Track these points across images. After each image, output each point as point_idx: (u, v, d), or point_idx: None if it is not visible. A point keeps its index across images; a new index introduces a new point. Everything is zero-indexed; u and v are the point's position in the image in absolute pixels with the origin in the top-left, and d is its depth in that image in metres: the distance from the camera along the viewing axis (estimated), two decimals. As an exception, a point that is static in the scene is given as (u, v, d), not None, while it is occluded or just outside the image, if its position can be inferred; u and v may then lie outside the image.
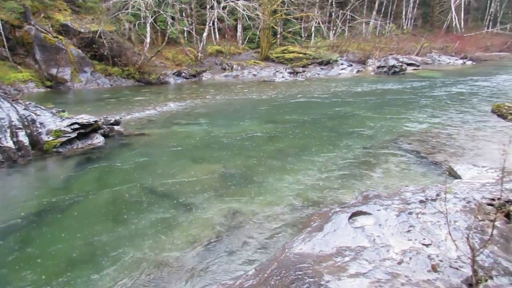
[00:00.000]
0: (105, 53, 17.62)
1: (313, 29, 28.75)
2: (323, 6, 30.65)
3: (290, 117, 11.78)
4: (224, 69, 21.99)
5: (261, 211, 5.55)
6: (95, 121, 8.66)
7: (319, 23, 28.69)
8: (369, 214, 4.09)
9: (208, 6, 23.29)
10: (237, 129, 10.37)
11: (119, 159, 7.94)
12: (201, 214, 5.48)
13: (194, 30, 23.15)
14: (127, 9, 19.02)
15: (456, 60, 29.89)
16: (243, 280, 3.52)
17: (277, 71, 21.99)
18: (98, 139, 8.70)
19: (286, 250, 3.67)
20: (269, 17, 23.67)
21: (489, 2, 45.27)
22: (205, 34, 22.36)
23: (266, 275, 3.32)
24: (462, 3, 41.48)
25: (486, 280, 3.26)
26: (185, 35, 23.60)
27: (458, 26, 41.89)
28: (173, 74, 19.95)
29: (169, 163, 7.75)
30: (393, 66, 23.21)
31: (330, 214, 4.27)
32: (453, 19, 41.54)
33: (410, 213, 4.08)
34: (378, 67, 23.88)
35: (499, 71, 23.70)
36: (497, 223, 4.42)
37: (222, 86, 18.23)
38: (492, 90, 17.24)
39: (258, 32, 25.03)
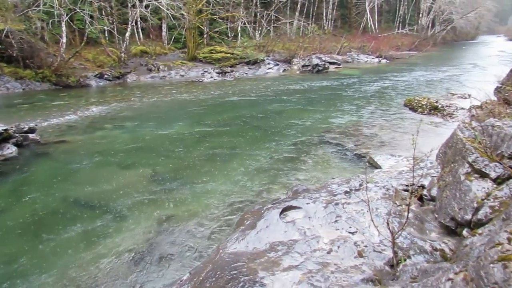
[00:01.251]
0: (15, 55, 16.03)
1: (239, 29, 29.00)
2: (248, 7, 31.06)
3: (220, 117, 11.76)
4: (150, 70, 21.28)
5: (194, 214, 5.47)
6: (5, 130, 7.86)
7: (245, 23, 29.03)
8: (299, 208, 4.24)
9: (129, 5, 22.35)
10: (166, 132, 10.11)
11: (36, 169, 7.32)
12: (131, 222, 5.26)
13: (115, 29, 22.03)
14: (38, 6, 17.47)
15: (373, 58, 32.17)
16: (177, 286, 3.44)
17: (205, 71, 21.83)
18: (9, 150, 7.90)
19: (221, 250, 3.66)
20: (195, 16, 23.40)
21: (398, 5, 49.45)
22: (127, 34, 21.43)
23: (201, 278, 3.27)
24: (376, 6, 44.79)
25: (405, 260, 3.55)
26: (106, 35, 22.37)
27: (373, 27, 45.17)
28: (95, 76, 18.80)
29: (93, 171, 7.30)
30: (317, 65, 24.30)
31: (262, 211, 4.35)
32: (368, 21, 44.71)
33: (336, 204, 4.30)
34: (303, 66, 24.84)
35: (409, 68, 26.02)
36: (412, 207, 4.83)
37: (148, 88, 17.62)
38: (404, 85, 18.86)
39: (184, 32, 24.60)
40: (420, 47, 41.02)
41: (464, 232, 3.82)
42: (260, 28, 31.14)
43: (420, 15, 50.50)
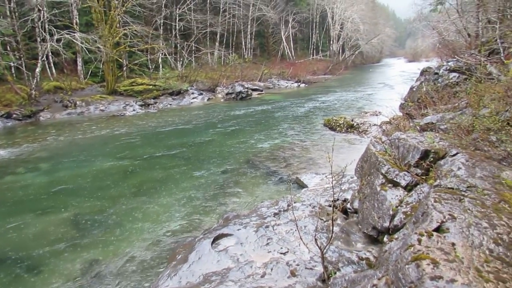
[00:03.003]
0: None
1: (160, 60, 28.77)
2: (167, 38, 31.09)
3: (146, 151, 11.39)
4: (66, 106, 20.02)
5: (122, 255, 5.16)
6: None
7: (165, 55, 28.90)
8: (230, 235, 4.22)
9: (38, 39, 21.04)
10: (88, 170, 9.51)
11: None
12: (51, 272, 4.80)
13: (23, 65, 20.49)
14: None
15: (292, 83, 33.89)
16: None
17: (127, 105, 21.13)
18: None
19: (152, 290, 3.48)
20: (112, 49, 22.74)
21: (310, 33, 53.19)
22: (38, 70, 20.02)
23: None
24: (290, 35, 47.65)
25: (335, 273, 3.69)
26: (13, 71, 20.71)
27: (290, 54, 47.84)
28: (1, 116, 17.17)
29: (4, 220, 6.56)
30: (240, 92, 24.91)
31: (194, 243, 4.25)
32: (285, 48, 47.30)
33: (267, 227, 4.37)
34: (227, 94, 25.28)
35: (326, 91, 27.83)
36: (338, 221, 5.08)
37: (65, 125, 16.51)
38: (323, 107, 20.07)
39: (101, 65, 23.71)
40: (334, 71, 44.34)
41: (385, 239, 4.10)
42: (181, 59, 31.22)
43: (331, 41, 54.69)
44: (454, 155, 4.67)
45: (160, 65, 28.76)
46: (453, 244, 2.78)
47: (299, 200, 5.45)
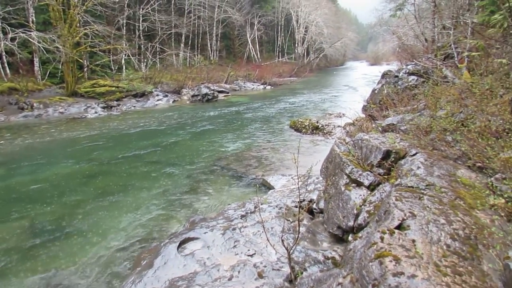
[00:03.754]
0: None
1: (123, 61, 28.02)
2: (131, 39, 30.34)
3: (109, 154, 11.05)
4: (22, 108, 19.05)
5: (84, 264, 4.96)
6: None
7: (129, 56, 28.20)
8: (197, 238, 4.17)
9: (-9, 38, 19.93)
10: (46, 175, 9.09)
11: None
12: (5, 286, 4.53)
13: (-26, 65, 19.35)
14: None
15: (258, 85, 34.07)
16: None
17: (88, 107, 20.40)
18: None
19: (116, 298, 3.37)
20: (72, 49, 21.90)
21: (276, 36, 53.74)
22: (-10, 70, 18.98)
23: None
24: (256, 37, 47.92)
25: (301, 273, 3.73)
26: (-37, 72, 19.50)
27: (256, 57, 48.10)
28: (-52, 119, 16.10)
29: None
30: (206, 94, 24.74)
31: (159, 248, 4.16)
32: (251, 51, 47.51)
33: (234, 229, 4.35)
34: (192, 96, 25.01)
35: (292, 93, 28.19)
36: (304, 221, 5.15)
37: (21, 129, 15.70)
38: (288, 109, 20.31)
39: (61, 66, 22.75)
40: (299, 73, 45.02)
41: (349, 238, 4.19)
42: (145, 60, 30.58)
43: (296, 44, 55.50)
44: (414, 154, 4.86)
45: (123, 66, 28.01)
46: (414, 241, 2.88)
47: (266, 201, 5.47)
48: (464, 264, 2.67)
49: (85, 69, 24.50)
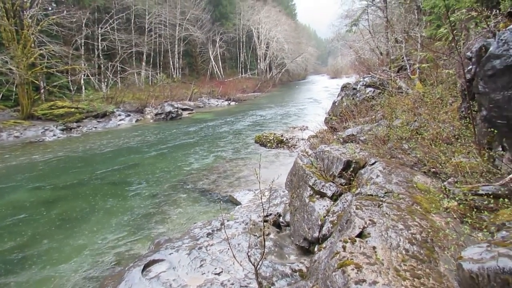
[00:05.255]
0: None
1: (82, 81, 27.25)
2: (90, 58, 29.66)
3: (69, 178, 10.63)
4: (-27, 134, 18.03)
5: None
6: None
7: (88, 76, 27.51)
8: (162, 260, 4.07)
9: None
10: (1, 203, 8.59)
11: None
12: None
13: None
14: None
15: (223, 102, 34.17)
16: None
17: (46, 129, 19.61)
18: None
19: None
20: (27, 71, 21.09)
21: (238, 52, 54.38)
22: None
23: None
24: (219, 54, 48.25)
25: (269, 288, 3.73)
26: None
27: (219, 73, 48.31)
28: None
29: None
30: (170, 112, 24.48)
31: (123, 273, 4.02)
32: (214, 67, 47.70)
33: (200, 248, 4.29)
34: (156, 114, 24.67)
35: (256, 108, 28.45)
36: (271, 235, 5.16)
37: (-28, 155, 14.80)
38: (253, 123, 20.45)
39: (15, 88, 21.80)
40: (263, 88, 45.65)
41: (315, 249, 4.25)
42: (106, 80, 29.91)
43: (259, 60, 56.35)
44: (373, 163, 5.03)
45: (83, 87, 27.22)
46: (374, 248, 2.96)
47: (233, 218, 5.44)
48: (422, 267, 2.77)
49: (42, 91, 23.61)
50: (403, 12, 17.84)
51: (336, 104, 12.36)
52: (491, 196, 3.65)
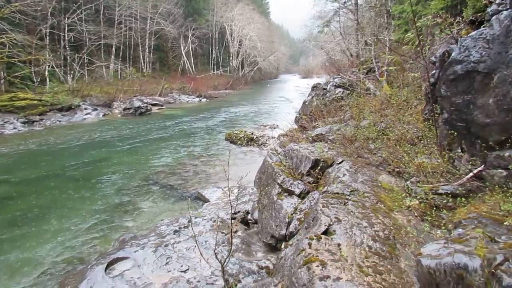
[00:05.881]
0: None
1: (46, 73, 26.12)
2: (55, 49, 28.48)
3: (29, 173, 10.18)
4: None
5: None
6: None
7: (53, 67, 26.44)
8: (126, 258, 3.98)
9: None
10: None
11: None
12: None
13: None
14: None
15: (194, 98, 33.78)
16: None
17: (6, 122, 18.67)
18: None
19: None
20: (-15, 60, 20.03)
21: (210, 49, 53.94)
22: None
23: None
24: (191, 50, 47.64)
25: (236, 285, 3.72)
26: None
27: (191, 69, 47.74)
28: None
29: None
30: (139, 107, 23.96)
31: (85, 271, 3.90)
32: (186, 63, 47.08)
33: (166, 246, 4.23)
34: (124, 109, 24.06)
35: (227, 105, 28.34)
36: (239, 233, 5.16)
37: None
38: (224, 121, 20.37)
39: (-29, 78, 20.68)
40: (234, 86, 45.53)
41: (282, 246, 4.28)
42: (72, 72, 28.83)
43: (231, 57, 56.15)
44: (340, 162, 5.13)
45: (47, 78, 26.10)
46: (339, 245, 3.02)
47: (200, 215, 5.40)
48: (384, 263, 2.85)
49: (2, 81, 22.48)
50: (373, 15, 18.30)
51: (307, 103, 12.52)
52: (450, 195, 3.81)
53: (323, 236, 3.12)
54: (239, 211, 5.81)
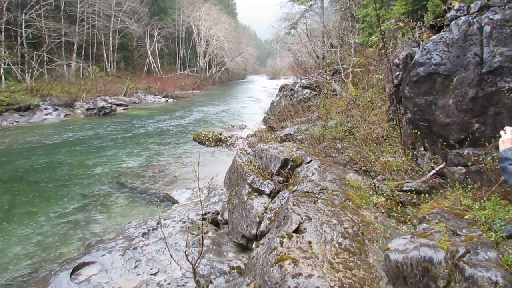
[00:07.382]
0: None
1: (2, 71, 24.78)
2: (11, 46, 27.06)
3: (-17, 176, 9.61)
4: None
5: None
6: None
7: (9, 65, 25.11)
8: (93, 262, 3.85)
9: None
10: None
11: None
12: None
13: None
14: None
15: (160, 98, 33.17)
16: None
17: (-43, 123, 17.58)
18: None
19: None
20: None
21: (177, 48, 53.19)
22: None
23: None
24: (156, 49, 46.76)
25: (207, 286, 3.69)
26: None
27: (157, 69, 46.85)
28: None
29: None
30: (103, 107, 23.24)
31: (49, 278, 3.74)
32: (151, 63, 46.15)
33: (135, 248, 4.12)
34: (87, 110, 23.25)
35: (195, 106, 28.04)
36: (209, 233, 5.12)
37: None
38: (192, 121, 20.14)
39: None
40: (202, 86, 45.14)
41: (253, 246, 4.29)
42: (30, 70, 27.50)
43: (198, 58, 55.56)
44: (309, 162, 5.20)
45: (3, 77, 24.78)
46: (310, 242, 3.07)
47: (169, 216, 5.31)
48: (353, 259, 2.93)
49: (-48, 80, 21.12)
50: (339, 19, 18.73)
51: (275, 104, 12.62)
52: (414, 192, 3.97)
53: (294, 234, 3.16)
54: (209, 212, 5.76)
